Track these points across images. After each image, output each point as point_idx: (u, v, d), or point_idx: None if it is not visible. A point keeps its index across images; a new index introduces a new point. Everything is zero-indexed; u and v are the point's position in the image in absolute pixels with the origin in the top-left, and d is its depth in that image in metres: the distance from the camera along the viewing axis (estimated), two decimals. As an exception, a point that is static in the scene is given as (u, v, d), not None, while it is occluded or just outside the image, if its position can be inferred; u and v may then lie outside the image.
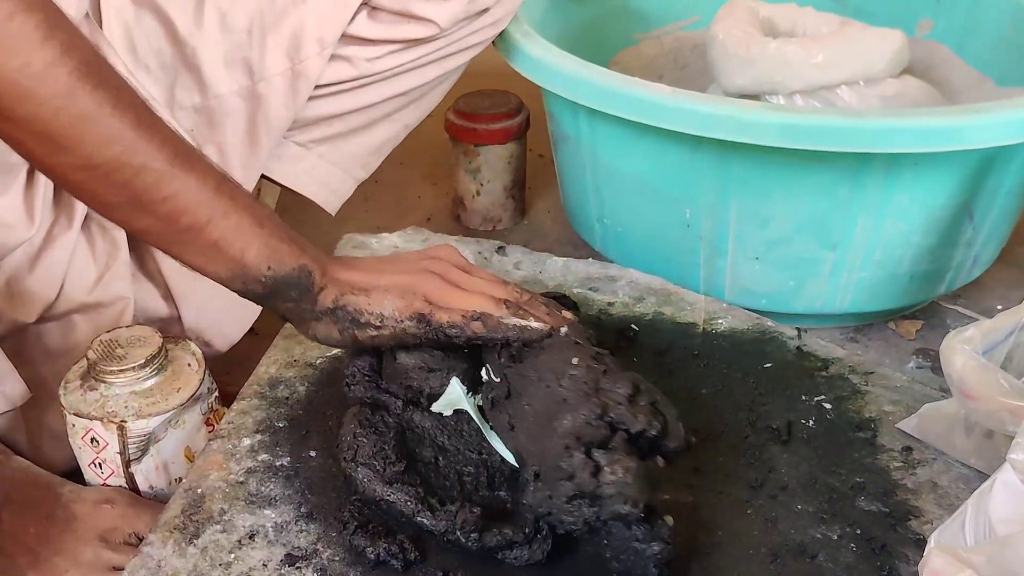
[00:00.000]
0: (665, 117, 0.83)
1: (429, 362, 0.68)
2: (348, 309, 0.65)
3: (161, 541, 0.63)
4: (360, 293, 0.65)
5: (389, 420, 0.67)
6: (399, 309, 0.65)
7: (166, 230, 0.60)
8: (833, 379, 0.77)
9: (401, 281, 0.66)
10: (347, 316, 0.65)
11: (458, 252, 0.72)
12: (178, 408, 0.74)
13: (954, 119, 0.80)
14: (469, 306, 0.66)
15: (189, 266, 0.63)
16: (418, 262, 0.69)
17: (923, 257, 0.92)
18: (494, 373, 0.66)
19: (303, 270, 0.64)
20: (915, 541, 0.63)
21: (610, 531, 0.58)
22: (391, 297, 0.65)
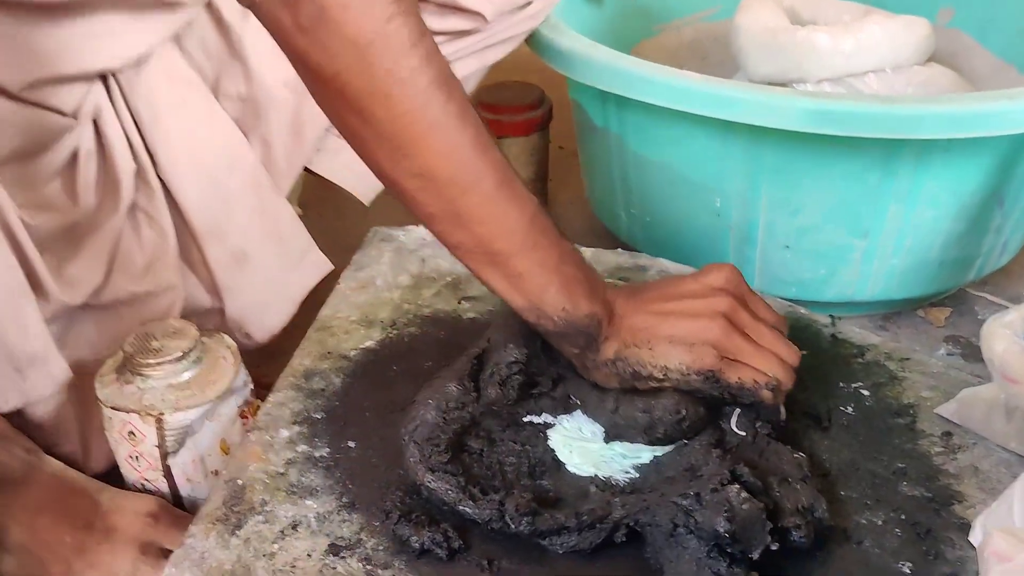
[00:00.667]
0: (696, 103, 0.83)
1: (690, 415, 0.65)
2: (630, 362, 0.63)
3: (204, 533, 0.63)
4: (643, 345, 0.63)
5: (464, 413, 0.67)
6: (686, 364, 0.63)
7: (478, 250, 0.61)
8: (869, 366, 0.77)
9: (687, 330, 0.63)
10: (628, 368, 0.64)
11: (739, 274, 0.68)
12: (214, 400, 0.74)
13: (986, 105, 0.80)
14: (762, 367, 0.64)
15: (489, 288, 0.63)
16: (705, 298, 0.65)
17: (953, 244, 0.92)
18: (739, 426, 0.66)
19: (593, 318, 0.62)
20: (959, 526, 0.63)
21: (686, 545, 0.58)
22: (677, 350, 0.63)
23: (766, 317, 0.68)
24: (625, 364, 0.64)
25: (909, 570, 0.59)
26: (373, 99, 0.57)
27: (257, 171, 0.89)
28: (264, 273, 0.91)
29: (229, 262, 0.88)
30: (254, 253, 0.90)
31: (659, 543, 0.59)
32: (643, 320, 0.64)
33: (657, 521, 0.58)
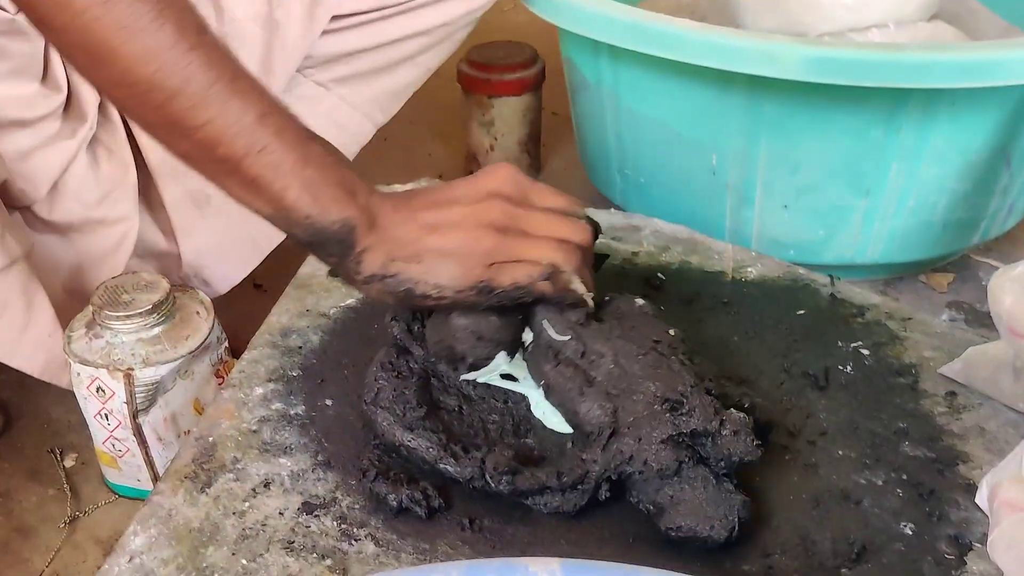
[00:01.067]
0: (693, 52, 0.79)
1: (483, 329, 0.62)
2: (399, 278, 0.59)
3: (171, 490, 0.60)
4: (411, 260, 0.59)
5: (414, 366, 0.64)
6: (457, 278, 0.59)
7: (204, 158, 0.56)
8: (870, 325, 0.74)
9: (457, 241, 0.59)
10: (399, 284, 0.59)
11: (517, 172, 0.63)
12: (187, 357, 0.71)
13: (994, 53, 0.77)
14: (535, 257, 0.60)
15: (236, 200, 0.58)
16: (476, 203, 0.61)
17: (958, 204, 0.89)
18: (558, 331, 0.62)
19: (345, 224, 0.57)
20: (964, 486, 0.60)
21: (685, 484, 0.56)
22: (447, 263, 0.59)
23: (549, 204, 0.63)
24: (396, 281, 0.59)
25: (911, 531, 0.57)
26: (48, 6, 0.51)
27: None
28: (225, 219, 0.88)
29: (186, 203, 0.85)
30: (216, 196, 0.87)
31: (653, 486, 0.56)
32: (411, 231, 0.59)
33: (651, 464, 0.56)
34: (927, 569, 0.54)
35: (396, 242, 0.59)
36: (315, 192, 0.56)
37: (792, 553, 0.56)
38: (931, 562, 0.55)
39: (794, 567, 0.55)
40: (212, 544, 0.57)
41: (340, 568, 0.55)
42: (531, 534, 0.57)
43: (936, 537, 0.56)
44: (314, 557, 0.56)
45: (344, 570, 0.55)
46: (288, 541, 0.57)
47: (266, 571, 0.55)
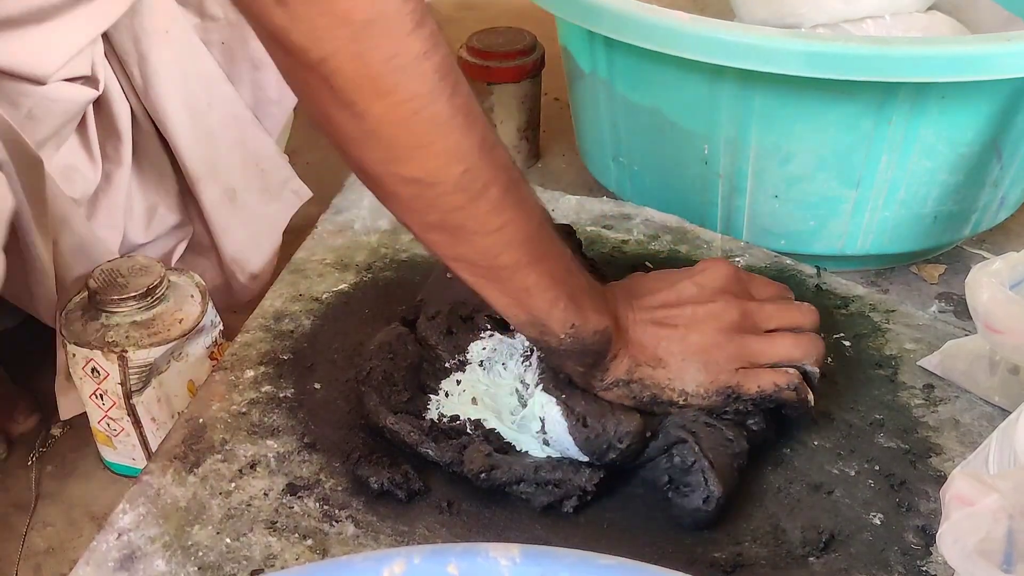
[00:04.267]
0: (685, 45, 0.80)
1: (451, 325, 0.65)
2: (644, 383, 0.58)
3: (161, 470, 0.62)
4: (656, 365, 0.58)
5: (410, 348, 0.66)
6: (704, 385, 0.59)
7: (481, 263, 0.53)
8: (853, 317, 0.75)
9: (700, 345, 0.59)
10: (643, 390, 0.59)
11: (734, 267, 0.64)
12: (180, 339, 0.73)
13: (984, 47, 0.77)
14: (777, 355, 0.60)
15: (489, 303, 0.55)
16: (708, 304, 0.60)
17: (948, 196, 0.89)
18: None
19: (604, 335, 0.56)
20: (936, 478, 0.61)
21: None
22: (693, 370, 0.58)
23: (769, 295, 0.65)
24: (640, 387, 0.58)
25: (880, 521, 0.58)
26: (368, 91, 0.47)
27: (235, 105, 0.88)
28: (251, 208, 0.90)
29: (222, 201, 0.87)
30: (240, 189, 0.89)
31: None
32: (650, 335, 0.59)
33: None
34: (893, 559, 0.56)
35: (638, 346, 0.58)
36: (579, 302, 0.55)
37: (762, 541, 0.57)
38: (897, 552, 0.56)
39: (763, 555, 0.56)
40: (198, 523, 0.58)
41: (320, 548, 0.57)
42: (508, 518, 0.58)
43: (904, 528, 0.58)
44: (296, 537, 0.57)
45: (324, 550, 0.57)
46: (271, 521, 0.58)
47: (249, 550, 0.57)
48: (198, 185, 0.85)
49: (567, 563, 0.39)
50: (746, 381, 0.59)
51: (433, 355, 0.64)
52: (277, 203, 0.93)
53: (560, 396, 0.58)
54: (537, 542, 0.56)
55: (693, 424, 0.58)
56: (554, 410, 0.58)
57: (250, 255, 0.91)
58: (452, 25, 1.60)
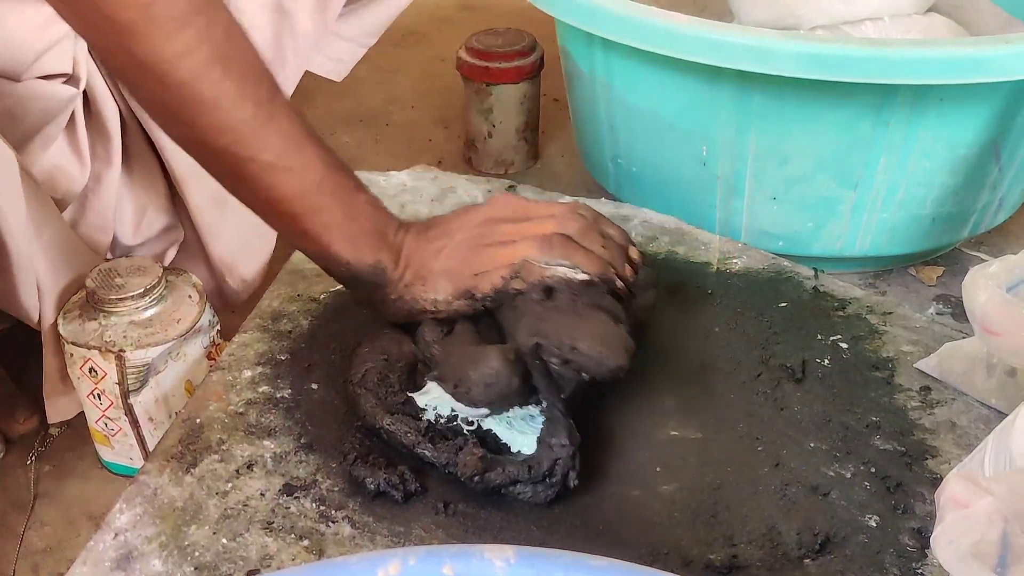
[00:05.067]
0: (683, 47, 0.80)
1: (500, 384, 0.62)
2: (406, 299, 0.66)
3: (158, 470, 0.62)
4: (418, 282, 0.65)
5: (405, 349, 0.66)
6: (449, 292, 0.65)
7: (264, 210, 0.63)
8: (850, 319, 0.75)
9: (454, 260, 0.66)
10: (404, 304, 0.66)
11: (516, 198, 0.70)
12: (178, 339, 0.73)
13: (982, 50, 0.77)
14: (509, 260, 0.64)
15: (280, 233, 0.66)
16: (475, 228, 0.67)
17: (947, 198, 0.89)
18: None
19: (376, 267, 0.64)
20: (931, 480, 0.61)
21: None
22: (443, 281, 0.65)
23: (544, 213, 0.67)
24: (403, 302, 0.66)
25: (875, 523, 0.58)
26: (139, 74, 0.55)
27: None
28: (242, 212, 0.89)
29: (210, 204, 0.87)
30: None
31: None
32: (423, 258, 0.66)
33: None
34: (888, 561, 0.56)
35: (412, 269, 0.66)
36: (355, 242, 0.63)
37: (758, 543, 0.57)
38: (893, 554, 0.56)
39: (758, 556, 0.56)
40: (195, 523, 0.58)
41: (316, 549, 0.57)
42: (504, 519, 0.58)
43: (900, 530, 0.58)
44: (292, 537, 0.57)
45: (320, 551, 0.57)
46: (268, 522, 0.58)
47: (245, 550, 0.57)
48: (185, 187, 0.85)
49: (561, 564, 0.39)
50: (480, 281, 0.64)
51: (429, 354, 0.64)
52: None
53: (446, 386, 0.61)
54: (533, 543, 0.56)
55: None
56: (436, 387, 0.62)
57: (240, 260, 0.91)
58: (452, 26, 1.60)
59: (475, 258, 0.65)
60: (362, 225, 0.64)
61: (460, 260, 0.65)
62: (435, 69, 1.48)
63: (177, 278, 0.76)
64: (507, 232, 0.66)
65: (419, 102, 1.40)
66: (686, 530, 0.58)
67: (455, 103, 1.31)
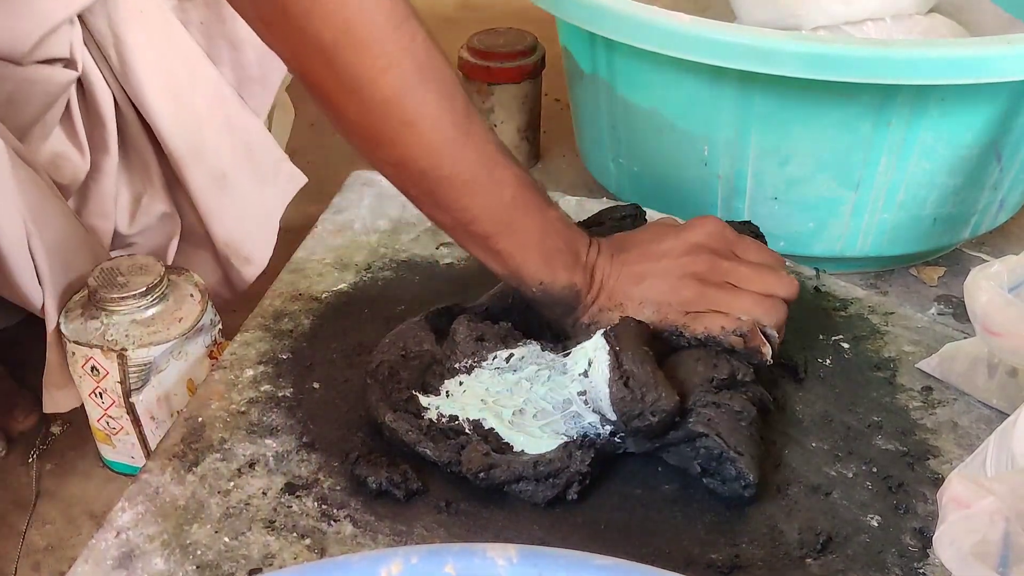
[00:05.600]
0: (684, 47, 0.80)
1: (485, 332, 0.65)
2: (601, 324, 0.63)
3: (159, 468, 0.62)
4: (616, 309, 0.63)
5: (424, 347, 0.66)
6: (653, 322, 0.63)
7: (458, 229, 0.62)
8: (852, 319, 0.75)
9: (659, 289, 0.63)
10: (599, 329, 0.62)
11: (724, 226, 0.66)
12: (180, 338, 0.73)
13: (983, 50, 0.77)
14: (734, 312, 0.62)
15: (477, 257, 0.64)
16: (681, 257, 0.64)
17: (948, 199, 0.90)
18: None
19: (571, 289, 0.63)
20: (933, 480, 0.61)
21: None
22: (648, 311, 0.63)
23: (753, 258, 0.66)
24: (597, 327, 0.62)
25: (877, 523, 0.58)
26: (342, 97, 0.56)
27: (219, 86, 0.87)
28: (243, 193, 0.89)
29: (210, 185, 0.87)
30: (231, 173, 0.88)
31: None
32: (621, 283, 0.63)
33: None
34: (890, 560, 0.56)
35: (608, 293, 0.64)
36: (549, 261, 0.62)
37: (759, 543, 0.57)
38: (895, 554, 0.56)
39: (760, 556, 0.56)
40: (196, 522, 0.58)
41: (318, 547, 0.57)
42: (506, 518, 0.58)
43: (902, 530, 0.58)
44: (294, 536, 0.57)
45: (322, 549, 0.57)
46: (269, 520, 0.58)
47: (247, 549, 0.57)
48: (184, 169, 0.85)
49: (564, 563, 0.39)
50: (693, 322, 0.62)
51: (450, 352, 0.64)
52: (271, 187, 0.92)
53: (615, 348, 0.59)
54: (535, 542, 0.56)
55: (704, 411, 0.59)
56: (604, 358, 0.59)
57: (243, 239, 0.90)
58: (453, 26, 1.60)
59: (688, 294, 0.63)
60: (555, 243, 0.62)
61: (670, 291, 0.63)
62: (436, 69, 1.48)
63: (179, 277, 0.76)
64: (725, 273, 0.64)
65: (420, 102, 1.40)
66: (688, 530, 0.58)
67: (456, 103, 1.31)
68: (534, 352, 0.64)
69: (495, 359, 0.64)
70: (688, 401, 0.60)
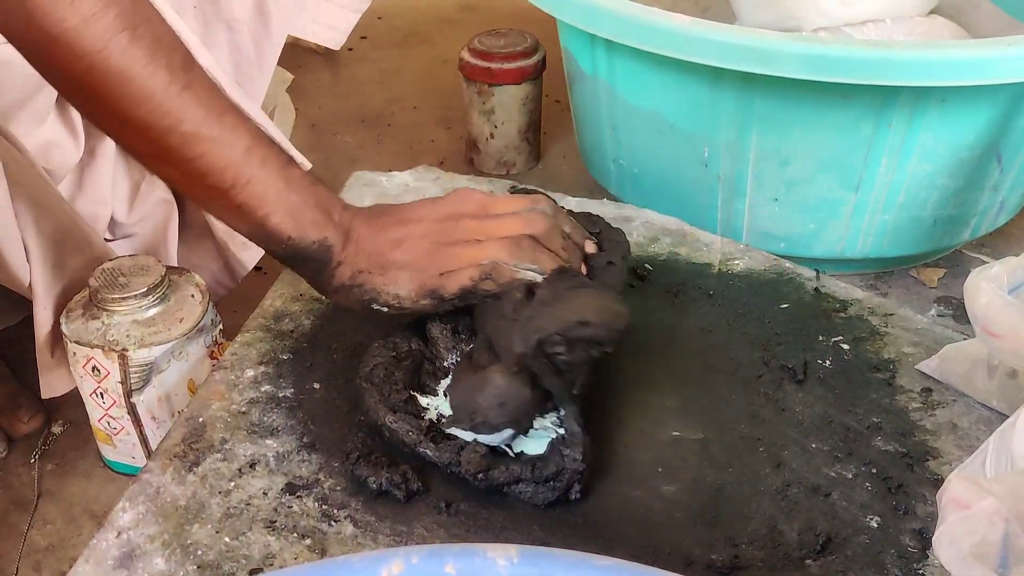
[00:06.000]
0: (685, 48, 0.80)
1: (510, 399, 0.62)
2: (364, 288, 0.63)
3: (160, 468, 0.62)
4: (376, 271, 0.63)
5: (414, 347, 0.66)
6: (413, 289, 0.63)
7: (192, 185, 0.60)
8: (852, 320, 0.75)
9: (416, 253, 0.63)
10: (363, 294, 0.63)
11: (475, 192, 0.67)
12: (180, 339, 0.73)
13: (984, 52, 0.77)
14: (477, 260, 0.62)
15: (218, 219, 0.63)
16: (434, 223, 0.65)
17: (948, 200, 0.90)
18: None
19: (323, 244, 0.62)
20: (933, 481, 0.61)
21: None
22: (405, 275, 0.63)
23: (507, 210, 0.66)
24: (360, 291, 0.63)
25: (876, 524, 0.58)
26: (48, 49, 0.54)
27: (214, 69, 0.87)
28: None
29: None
30: None
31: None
32: (378, 246, 0.63)
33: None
34: (890, 561, 0.56)
35: (364, 255, 0.63)
36: (296, 216, 0.61)
37: (759, 543, 0.57)
38: (894, 555, 0.56)
39: (760, 557, 0.56)
40: (197, 522, 0.58)
41: (319, 548, 0.57)
42: (506, 518, 0.59)
43: (901, 531, 0.58)
44: (294, 536, 0.57)
45: (323, 550, 0.57)
46: (270, 520, 0.58)
47: (248, 549, 0.57)
48: None
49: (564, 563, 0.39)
50: (447, 281, 0.62)
51: (434, 352, 0.65)
52: None
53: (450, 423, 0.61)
54: (535, 543, 0.56)
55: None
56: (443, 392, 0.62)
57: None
58: (454, 27, 1.60)
59: (440, 255, 0.63)
60: (302, 198, 0.61)
61: (423, 255, 0.63)
62: (437, 70, 1.48)
63: (180, 277, 0.77)
64: (472, 230, 0.64)
65: (421, 103, 1.40)
66: (688, 530, 0.58)
67: (457, 104, 1.31)
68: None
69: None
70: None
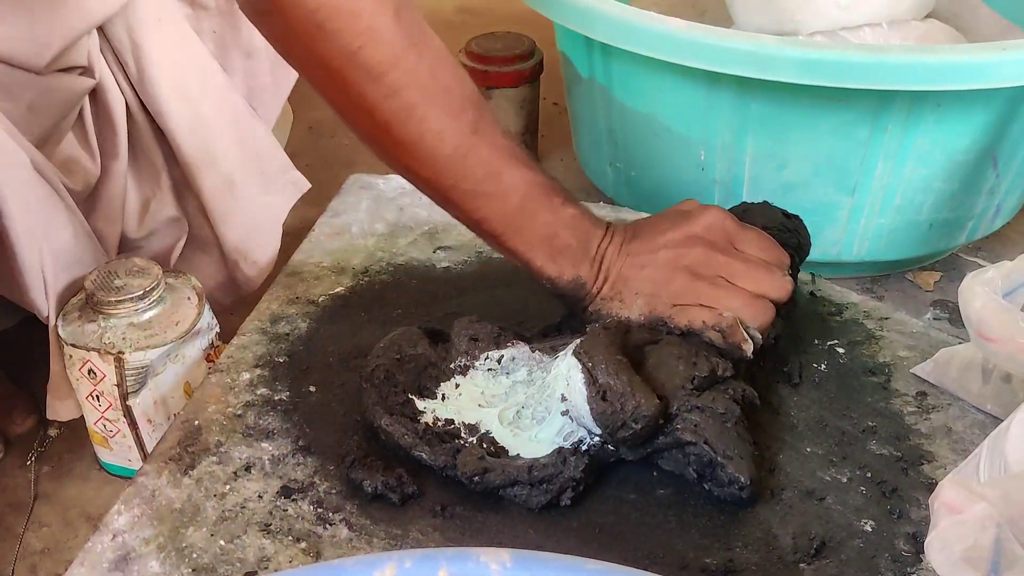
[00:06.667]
0: (682, 52, 0.80)
1: (479, 332, 0.66)
2: (603, 313, 0.66)
3: (156, 471, 0.62)
4: (616, 298, 0.66)
5: (419, 350, 0.66)
6: (643, 313, 0.65)
7: (470, 225, 0.66)
8: (847, 324, 0.75)
9: (653, 280, 0.65)
10: (599, 318, 0.66)
11: (725, 217, 0.67)
12: (177, 341, 0.73)
13: (980, 56, 0.77)
14: (720, 307, 0.63)
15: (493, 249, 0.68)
16: (678, 247, 0.65)
17: (944, 204, 0.90)
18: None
19: (577, 282, 0.66)
20: (927, 485, 0.61)
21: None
22: (640, 301, 0.65)
23: (751, 254, 0.66)
24: (599, 316, 0.65)
25: (871, 528, 0.58)
26: (350, 112, 0.60)
27: (229, 94, 0.88)
28: (250, 197, 0.90)
29: (220, 190, 0.88)
30: (238, 178, 0.89)
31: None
32: (624, 273, 0.65)
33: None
34: (884, 565, 0.56)
35: (610, 283, 0.66)
36: (557, 258, 0.65)
37: (753, 547, 0.57)
38: (888, 559, 0.56)
39: (754, 561, 0.56)
40: (192, 525, 0.58)
41: (314, 551, 0.57)
42: (501, 522, 0.59)
43: (895, 535, 0.58)
44: (289, 540, 0.57)
45: (317, 553, 0.57)
46: (265, 524, 0.58)
47: (242, 552, 0.57)
48: (196, 174, 0.86)
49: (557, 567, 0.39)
50: (678, 314, 0.64)
51: (443, 354, 0.65)
52: (275, 195, 0.94)
53: (587, 364, 0.59)
54: (530, 546, 0.56)
55: (689, 417, 0.59)
56: (578, 376, 0.60)
57: (253, 244, 0.92)
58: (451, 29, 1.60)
59: (678, 287, 0.64)
60: (564, 241, 0.65)
61: (662, 282, 0.65)
62: (435, 72, 1.48)
63: (176, 280, 0.77)
64: (717, 266, 0.64)
65: (419, 105, 1.40)
66: (682, 534, 0.58)
67: (455, 106, 1.31)
68: (524, 354, 0.64)
69: (487, 359, 0.65)
70: (673, 404, 0.60)
